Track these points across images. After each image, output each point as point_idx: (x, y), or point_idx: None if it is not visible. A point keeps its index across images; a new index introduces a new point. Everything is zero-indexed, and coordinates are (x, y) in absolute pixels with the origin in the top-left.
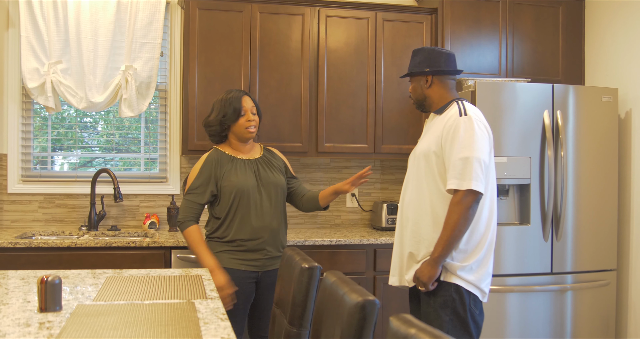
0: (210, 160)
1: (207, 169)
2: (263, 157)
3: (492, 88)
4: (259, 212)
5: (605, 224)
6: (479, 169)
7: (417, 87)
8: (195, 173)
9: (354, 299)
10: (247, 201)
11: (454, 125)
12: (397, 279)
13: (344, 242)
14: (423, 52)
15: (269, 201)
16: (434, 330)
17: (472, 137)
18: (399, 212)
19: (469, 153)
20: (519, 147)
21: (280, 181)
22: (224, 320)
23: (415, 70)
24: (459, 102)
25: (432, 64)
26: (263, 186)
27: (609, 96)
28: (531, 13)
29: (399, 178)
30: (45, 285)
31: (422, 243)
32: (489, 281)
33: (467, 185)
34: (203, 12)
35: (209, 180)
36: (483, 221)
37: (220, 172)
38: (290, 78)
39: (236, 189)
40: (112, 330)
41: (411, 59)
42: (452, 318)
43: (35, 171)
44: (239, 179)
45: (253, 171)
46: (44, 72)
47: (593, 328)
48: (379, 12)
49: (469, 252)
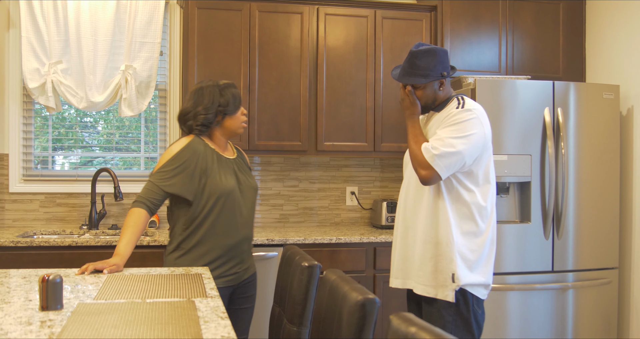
0: (194, 146)
1: (190, 156)
2: (237, 159)
3: (492, 85)
4: (240, 221)
5: (607, 222)
6: (457, 162)
7: (430, 92)
8: (172, 155)
9: (354, 297)
10: (229, 207)
11: (449, 115)
12: (400, 282)
13: (343, 241)
14: (434, 55)
15: (247, 207)
16: (434, 329)
17: (464, 129)
18: (400, 214)
19: (457, 144)
20: (519, 145)
21: (255, 185)
22: (224, 319)
23: (434, 76)
24: (458, 98)
25: (445, 66)
26: (242, 191)
27: (610, 93)
28: (531, 10)
29: (399, 176)
30: (46, 284)
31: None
32: (491, 279)
33: (439, 168)
34: (202, 11)
35: (188, 169)
36: (485, 219)
37: (203, 166)
38: (290, 77)
39: (221, 192)
40: (112, 329)
41: (418, 61)
42: (455, 318)
43: (36, 171)
44: (225, 180)
45: (233, 172)
46: (44, 72)
47: (595, 327)
48: (378, 10)
49: (473, 260)
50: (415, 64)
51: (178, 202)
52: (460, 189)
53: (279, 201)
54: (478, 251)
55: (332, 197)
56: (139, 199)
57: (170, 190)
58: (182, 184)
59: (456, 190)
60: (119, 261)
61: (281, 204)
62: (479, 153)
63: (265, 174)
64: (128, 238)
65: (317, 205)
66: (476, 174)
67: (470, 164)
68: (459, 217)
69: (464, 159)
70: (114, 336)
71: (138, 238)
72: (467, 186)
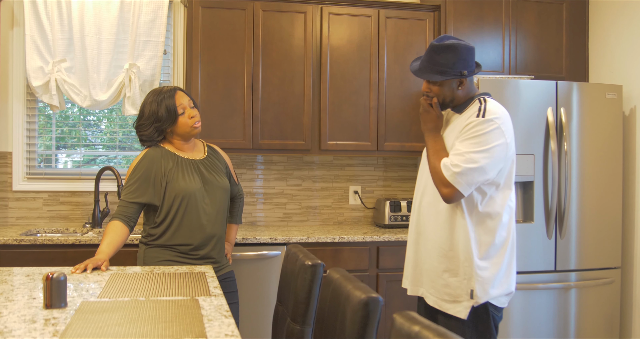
0: (150, 156)
1: (147, 166)
2: (208, 158)
3: (495, 85)
4: (205, 220)
5: (610, 221)
6: (478, 178)
7: (447, 90)
8: (131, 170)
9: (357, 296)
10: (192, 207)
11: (469, 126)
12: (410, 288)
13: (346, 240)
14: (455, 51)
15: (214, 207)
16: (438, 327)
17: (483, 143)
18: (414, 218)
19: (477, 158)
20: (522, 145)
21: (226, 185)
22: (228, 317)
23: (451, 74)
24: (480, 100)
25: (466, 65)
26: (207, 191)
27: (613, 93)
28: (534, 10)
29: (402, 176)
30: (50, 282)
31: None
32: (514, 285)
33: (460, 186)
34: (206, 11)
35: (149, 178)
36: (504, 227)
37: (162, 171)
38: (293, 76)
39: (183, 192)
40: (116, 327)
41: (437, 56)
42: (475, 322)
43: (39, 169)
44: (185, 181)
45: (198, 172)
46: (48, 71)
47: (597, 326)
48: (381, 10)
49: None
50: (433, 59)
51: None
52: (479, 196)
53: (282, 200)
54: (498, 264)
55: (335, 197)
56: (114, 215)
57: (138, 200)
58: (146, 192)
59: (474, 198)
60: (105, 257)
61: (284, 203)
62: (502, 165)
63: (269, 173)
64: (109, 240)
65: (320, 204)
66: (497, 182)
67: (493, 177)
68: (477, 227)
69: (487, 174)
70: (118, 334)
71: (119, 243)
72: (486, 192)
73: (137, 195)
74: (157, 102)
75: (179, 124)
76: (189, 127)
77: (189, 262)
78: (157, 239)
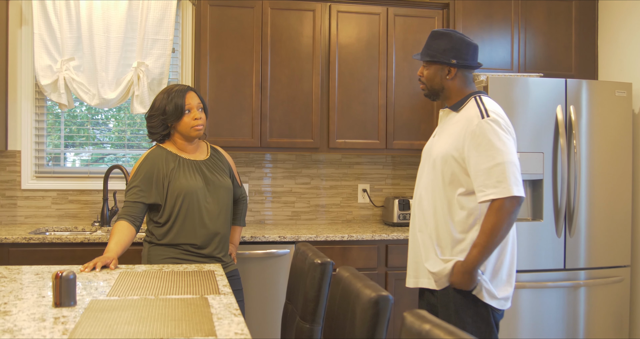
0: (152, 156)
1: (150, 167)
2: (210, 159)
3: (505, 83)
4: (207, 218)
5: (619, 219)
6: (516, 172)
7: (435, 76)
8: (134, 171)
9: (367, 294)
10: (194, 205)
11: (476, 131)
12: (413, 281)
13: (355, 238)
14: (449, 39)
15: (217, 206)
16: (448, 326)
17: (499, 141)
18: (413, 215)
19: (500, 159)
20: (531, 143)
21: (228, 184)
22: (238, 315)
23: (439, 58)
24: (477, 99)
25: (458, 55)
26: (209, 190)
27: (623, 91)
28: (543, 7)
29: (411, 174)
30: (59, 280)
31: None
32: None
33: (508, 192)
34: (214, 9)
35: (151, 179)
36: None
37: (164, 172)
38: (302, 74)
39: (184, 191)
40: (126, 325)
41: (432, 41)
42: (475, 319)
43: (48, 168)
44: (187, 181)
45: (200, 172)
46: (56, 69)
47: (606, 325)
48: (390, 8)
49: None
50: (429, 43)
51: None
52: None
53: (290, 198)
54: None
55: (344, 195)
56: (119, 215)
57: (142, 200)
58: (150, 192)
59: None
60: (113, 255)
61: (293, 201)
62: (516, 147)
63: (277, 171)
64: (117, 240)
65: (328, 202)
66: None
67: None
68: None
69: (515, 162)
70: (128, 333)
71: (126, 242)
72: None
73: (141, 195)
74: (168, 97)
75: (182, 122)
76: (190, 128)
77: (194, 259)
78: (161, 238)
